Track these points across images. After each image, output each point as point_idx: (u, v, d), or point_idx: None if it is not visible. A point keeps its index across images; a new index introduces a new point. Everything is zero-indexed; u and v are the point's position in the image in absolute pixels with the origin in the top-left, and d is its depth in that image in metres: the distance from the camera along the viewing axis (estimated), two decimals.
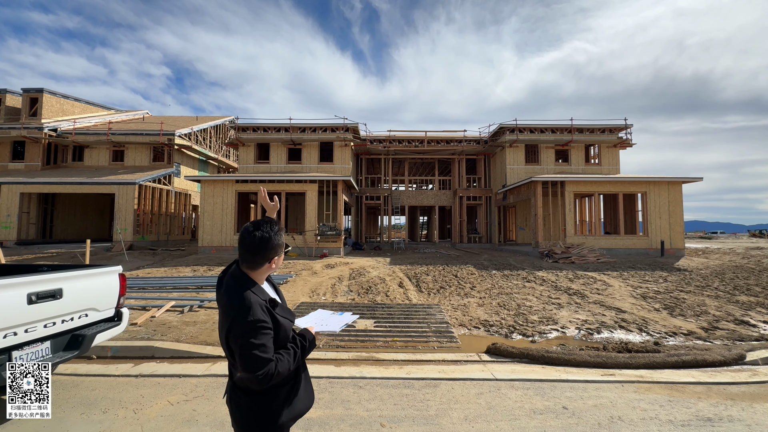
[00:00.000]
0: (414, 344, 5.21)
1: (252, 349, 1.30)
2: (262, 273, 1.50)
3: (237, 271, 1.48)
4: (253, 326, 1.31)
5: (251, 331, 1.31)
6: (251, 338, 1.30)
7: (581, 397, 3.48)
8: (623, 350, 4.84)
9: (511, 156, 19.72)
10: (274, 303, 1.45)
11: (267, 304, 1.42)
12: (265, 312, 1.38)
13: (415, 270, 10.94)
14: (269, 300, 1.45)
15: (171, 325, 5.74)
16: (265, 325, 1.34)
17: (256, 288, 1.44)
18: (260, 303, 1.38)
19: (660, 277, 10.30)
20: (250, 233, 1.45)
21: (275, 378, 1.32)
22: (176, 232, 21.78)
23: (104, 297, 3.43)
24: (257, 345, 1.30)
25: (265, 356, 1.31)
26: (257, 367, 1.29)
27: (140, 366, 4.19)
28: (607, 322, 6.25)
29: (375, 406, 3.28)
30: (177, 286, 8.60)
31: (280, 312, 1.47)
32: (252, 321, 1.32)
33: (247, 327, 1.31)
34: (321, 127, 19.40)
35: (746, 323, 6.12)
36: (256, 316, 1.33)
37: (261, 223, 1.49)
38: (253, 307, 1.35)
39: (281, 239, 1.51)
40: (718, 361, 4.37)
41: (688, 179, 15.89)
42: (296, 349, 1.46)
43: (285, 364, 1.37)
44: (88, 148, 20.98)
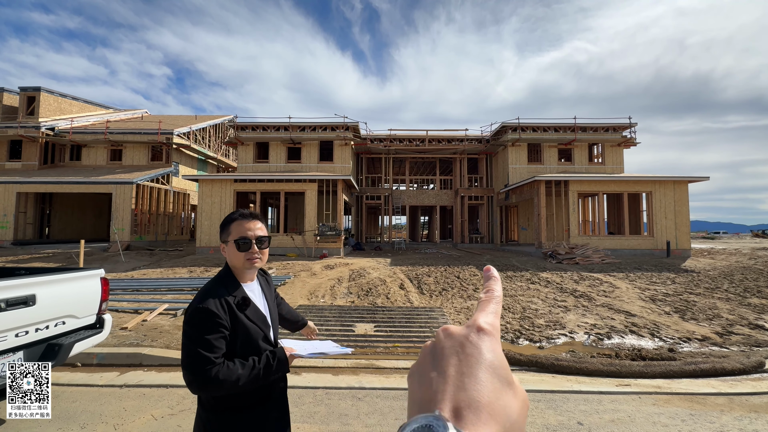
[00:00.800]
0: (416, 350, 4.98)
1: (191, 340, 1.16)
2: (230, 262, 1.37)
3: (223, 267, 1.41)
4: (199, 316, 1.18)
5: (195, 321, 1.18)
6: (193, 328, 1.17)
7: (596, 411, 3.24)
8: (637, 357, 4.60)
9: (514, 155, 19.46)
10: (244, 302, 1.30)
11: (234, 301, 1.27)
12: (223, 307, 1.22)
13: (416, 271, 10.70)
14: (241, 298, 1.29)
15: (163, 329, 5.51)
16: (215, 320, 1.18)
17: (232, 284, 1.32)
18: (221, 297, 1.24)
19: (667, 278, 10.05)
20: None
21: (213, 385, 1.12)
22: (175, 232, 21.57)
23: (84, 303, 3.19)
24: (198, 339, 1.15)
25: (205, 355, 1.13)
26: (192, 364, 1.13)
27: (126, 375, 3.96)
28: (617, 327, 6.01)
29: (375, 420, 3.05)
30: (172, 288, 8.37)
31: (251, 315, 1.30)
32: (198, 309, 1.18)
33: (191, 315, 1.20)
34: (321, 126, 19.16)
35: (761, 327, 5.87)
36: (205, 304, 1.19)
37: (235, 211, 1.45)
38: (206, 296, 1.22)
39: (228, 226, 1.37)
40: (737, 369, 4.13)
41: (694, 178, 15.62)
42: (256, 364, 1.22)
43: (232, 374, 1.15)
44: (86, 148, 20.77)
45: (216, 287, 1.28)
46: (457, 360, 0.31)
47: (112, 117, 24.34)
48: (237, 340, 1.25)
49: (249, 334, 1.27)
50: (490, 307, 0.36)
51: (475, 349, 0.31)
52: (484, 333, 0.32)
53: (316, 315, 6.41)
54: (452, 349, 0.32)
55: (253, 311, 1.33)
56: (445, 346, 0.33)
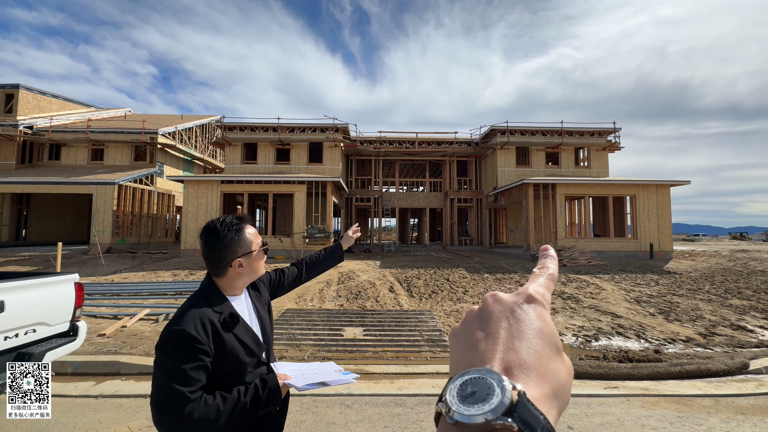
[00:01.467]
0: (406, 354, 4.91)
1: (163, 372, 0.95)
2: (229, 281, 1.16)
3: (205, 278, 1.19)
4: (173, 340, 0.98)
5: (168, 347, 0.98)
6: (166, 356, 0.97)
7: (586, 414, 3.23)
8: (624, 359, 4.63)
9: (502, 158, 19.66)
10: (232, 320, 1.09)
11: (219, 319, 1.06)
12: (204, 328, 1.01)
13: (405, 273, 10.65)
14: (227, 315, 1.09)
15: (143, 335, 5.31)
16: (193, 345, 0.97)
17: (216, 298, 1.12)
18: (203, 316, 1.03)
19: (651, 280, 10.25)
20: (200, 234, 1.18)
21: (185, 427, 0.92)
22: (159, 235, 21.03)
23: (56, 309, 3.03)
24: (171, 369, 0.95)
25: (178, 389, 0.92)
26: (161, 400, 0.94)
27: (102, 384, 3.78)
28: (604, 328, 6.06)
29: (363, 429, 2.96)
30: (154, 292, 8.11)
31: (240, 334, 1.10)
32: (173, 332, 0.98)
33: (164, 339, 0.99)
34: (310, 127, 19.00)
35: (743, 328, 6.01)
36: (181, 325, 0.99)
37: (213, 221, 1.18)
38: (184, 315, 1.02)
39: (242, 235, 1.17)
40: (722, 370, 4.19)
41: (676, 182, 16.04)
42: (241, 397, 1.02)
43: (210, 412, 0.95)
44: (66, 147, 20.10)
45: (197, 303, 1.08)
46: (507, 323, 0.31)
47: (94, 115, 23.66)
48: (223, 366, 1.04)
49: (238, 358, 1.07)
50: (541, 280, 0.36)
51: (525, 314, 0.31)
52: (534, 301, 0.32)
53: (304, 319, 6.29)
54: (502, 313, 0.32)
55: (243, 329, 1.12)
56: (494, 310, 0.33)
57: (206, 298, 1.11)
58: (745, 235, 45.42)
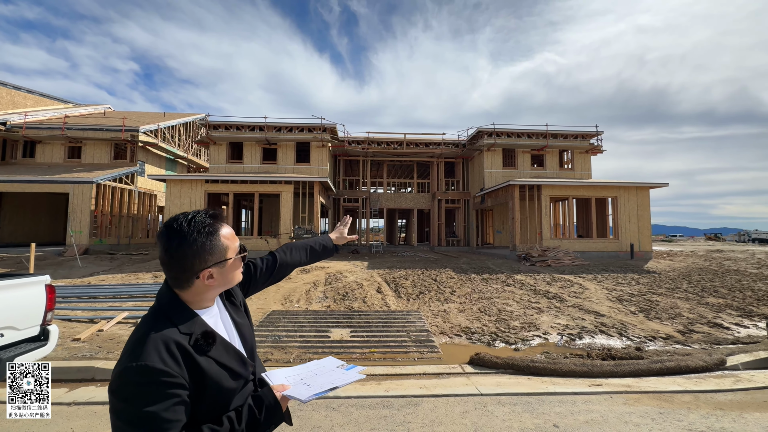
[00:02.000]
0: (393, 355, 4.88)
1: (129, 423, 0.75)
2: (195, 294, 0.93)
3: (164, 288, 0.95)
4: (138, 379, 0.76)
5: (128, 390, 0.76)
6: (127, 403, 0.76)
7: (571, 412, 3.26)
8: (607, 357, 4.71)
9: (489, 160, 19.89)
10: (206, 340, 0.88)
11: (189, 343, 0.86)
12: (174, 357, 0.81)
13: (393, 274, 10.62)
14: (200, 334, 0.88)
15: (121, 340, 5.11)
16: (165, 380, 0.78)
17: (182, 315, 0.90)
18: (167, 340, 0.82)
19: (632, 279, 10.51)
20: (158, 233, 0.94)
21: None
22: (140, 235, 20.42)
23: (25, 313, 2.87)
24: (137, 418, 0.75)
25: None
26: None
27: (76, 391, 3.61)
28: (587, 327, 6.17)
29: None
30: (133, 295, 7.85)
31: (219, 356, 0.90)
32: (135, 369, 0.76)
33: (125, 378, 0.77)
34: (297, 127, 18.80)
35: (720, 326, 6.21)
36: (145, 360, 0.77)
37: (177, 217, 0.93)
38: (147, 346, 0.80)
39: (215, 240, 0.92)
40: (701, 366, 4.31)
41: (655, 185, 16.55)
42: (234, 426, 0.86)
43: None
44: (41, 144, 19.30)
45: (156, 326, 0.85)
46: None
47: (72, 112, 22.81)
48: (204, 398, 0.85)
49: (221, 386, 0.88)
50: None
51: None
52: None
53: (290, 321, 6.18)
54: None
55: (223, 349, 0.92)
56: None
57: (168, 316, 0.88)
58: (720, 235, 47.31)
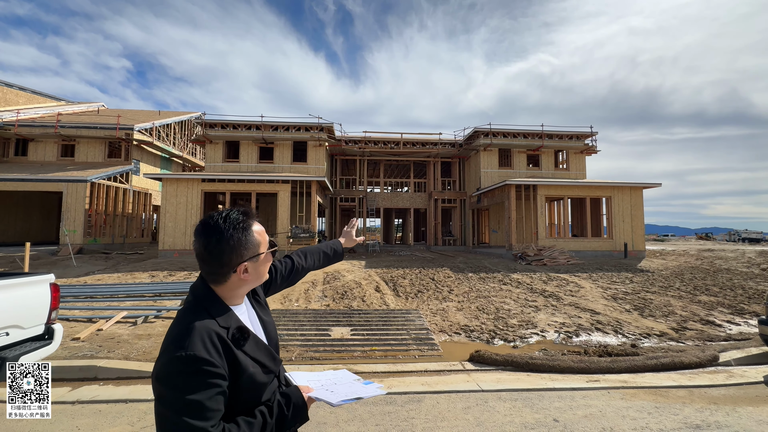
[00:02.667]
0: (394, 353, 4.93)
1: (173, 409, 0.79)
2: (230, 289, 0.98)
3: (198, 283, 0.99)
4: (180, 368, 0.81)
5: (176, 378, 0.81)
6: (175, 390, 0.80)
7: (570, 407, 3.34)
8: (604, 354, 4.81)
9: (486, 159, 20.02)
10: (242, 334, 0.93)
11: (228, 336, 0.90)
12: (216, 349, 0.86)
13: (391, 273, 10.68)
14: (236, 329, 0.93)
15: (120, 339, 5.10)
16: (209, 370, 0.82)
17: (218, 308, 0.95)
18: (210, 332, 0.87)
19: (626, 278, 10.68)
20: (195, 231, 0.98)
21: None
22: (134, 235, 20.25)
23: (30, 312, 2.87)
24: (184, 404, 0.79)
25: (199, 425, 0.78)
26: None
27: (79, 390, 3.61)
28: (584, 325, 6.27)
29: (354, 428, 2.96)
30: (131, 294, 7.81)
31: (252, 351, 0.94)
32: (183, 358, 0.81)
33: (168, 368, 0.82)
34: (294, 126, 18.76)
35: (712, 323, 6.35)
36: (192, 350, 0.82)
37: (212, 215, 0.98)
38: (192, 336, 0.84)
39: (249, 237, 0.98)
40: (694, 362, 4.42)
41: (648, 185, 16.79)
42: (267, 419, 0.91)
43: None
44: (33, 142, 19.04)
45: (199, 317, 0.90)
46: None
47: (65, 109, 22.54)
48: (240, 390, 0.90)
49: (254, 379, 0.92)
50: None
51: None
52: None
53: (290, 319, 6.20)
54: None
55: (255, 345, 0.96)
56: None
57: (206, 309, 0.93)
58: (710, 235, 48.08)
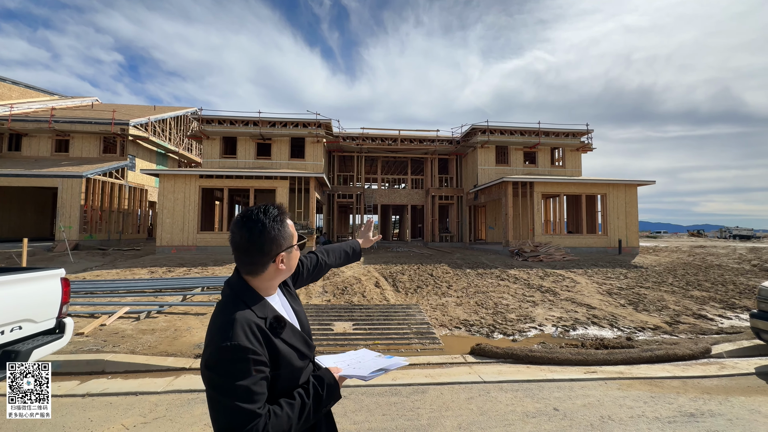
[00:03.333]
0: (396, 347, 5.02)
1: (224, 394, 0.89)
2: (266, 279, 1.06)
3: (234, 277, 1.08)
4: (228, 357, 0.90)
5: (224, 366, 0.90)
6: (224, 376, 0.89)
7: (569, 397, 3.45)
8: (600, 346, 4.94)
9: (483, 156, 20.13)
10: (279, 323, 1.02)
11: (266, 325, 0.99)
12: (257, 338, 0.95)
13: (390, 269, 10.77)
14: (273, 318, 1.02)
15: (125, 334, 5.14)
16: (253, 357, 0.91)
17: (254, 299, 1.03)
18: (250, 322, 0.96)
19: (621, 273, 10.87)
20: (235, 224, 1.05)
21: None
22: (130, 231, 20.14)
23: (42, 306, 2.91)
24: (234, 389, 0.88)
25: (247, 408, 0.87)
26: (232, 424, 0.87)
27: (88, 383, 3.66)
28: (580, 319, 6.41)
29: (362, 417, 3.04)
30: (132, 290, 7.82)
31: (289, 338, 1.03)
32: (227, 348, 0.90)
33: (216, 357, 0.91)
34: (292, 122, 18.72)
35: (704, 317, 6.52)
36: (236, 340, 0.91)
37: (251, 209, 1.07)
38: (235, 328, 0.93)
39: (285, 229, 1.07)
40: (687, 354, 4.56)
41: (643, 182, 17.02)
42: (305, 399, 1.00)
43: (282, 424, 0.93)
44: (27, 137, 18.80)
45: (236, 309, 0.98)
46: None
47: (58, 104, 22.26)
48: (279, 374, 0.99)
49: (292, 364, 1.02)
50: None
51: None
52: None
53: None
54: None
55: (291, 333, 1.06)
56: None
57: (244, 301, 1.01)
58: (702, 232, 48.80)
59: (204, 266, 11.20)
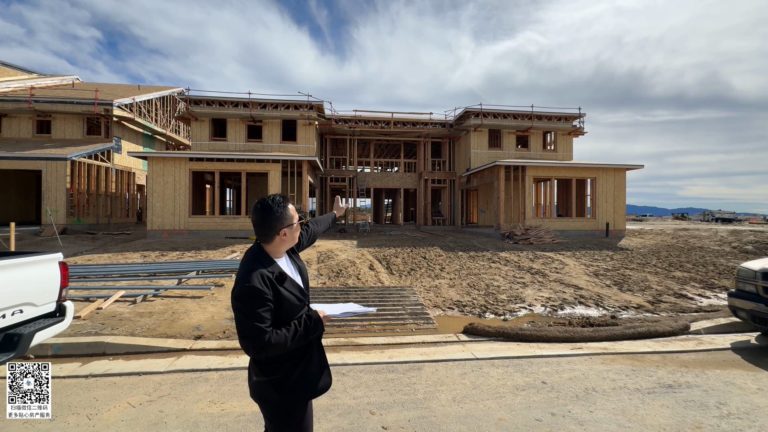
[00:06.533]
0: (392, 327, 5.18)
1: (244, 315, 1.33)
2: (275, 246, 1.52)
3: (254, 245, 1.55)
4: (247, 292, 1.34)
5: (245, 297, 1.34)
6: (245, 304, 1.34)
7: (557, 371, 3.65)
8: (586, 324, 5.17)
9: (476, 140, 20.12)
10: (282, 277, 1.46)
11: (273, 277, 1.42)
12: (266, 283, 1.38)
13: (383, 252, 10.90)
14: (278, 273, 1.46)
15: (122, 317, 5.17)
16: (261, 295, 1.35)
17: (267, 260, 1.47)
18: (262, 273, 1.40)
19: (607, 256, 11.21)
20: (254, 208, 1.51)
21: (268, 349, 1.33)
22: (119, 215, 19.82)
23: (42, 289, 2.92)
24: (250, 313, 1.33)
25: (258, 326, 1.32)
26: (248, 334, 1.32)
27: (90, 365, 3.71)
28: (568, 299, 6.66)
29: (361, 393, 3.18)
30: (125, 274, 7.80)
31: (289, 287, 1.48)
32: (247, 287, 1.34)
33: (240, 291, 1.36)
34: (283, 104, 18.33)
35: (684, 296, 6.83)
36: (251, 282, 1.35)
37: (265, 197, 1.53)
38: (252, 275, 1.37)
39: (287, 211, 1.52)
40: (668, 331, 4.81)
41: (631, 166, 17.30)
42: (297, 327, 1.44)
43: (280, 339, 1.36)
44: (7, 117, 18.08)
45: (255, 266, 1.42)
46: None
47: (37, 83, 21.31)
48: (281, 310, 1.43)
49: (291, 303, 1.46)
50: None
51: None
52: None
53: None
54: None
55: (291, 284, 1.49)
56: None
57: (260, 260, 1.46)
58: (686, 215, 50.12)
59: (197, 250, 11.17)
